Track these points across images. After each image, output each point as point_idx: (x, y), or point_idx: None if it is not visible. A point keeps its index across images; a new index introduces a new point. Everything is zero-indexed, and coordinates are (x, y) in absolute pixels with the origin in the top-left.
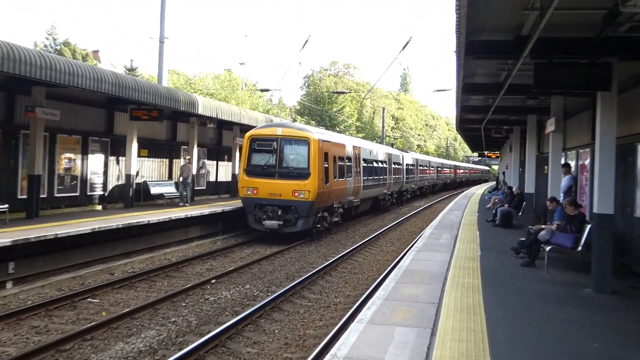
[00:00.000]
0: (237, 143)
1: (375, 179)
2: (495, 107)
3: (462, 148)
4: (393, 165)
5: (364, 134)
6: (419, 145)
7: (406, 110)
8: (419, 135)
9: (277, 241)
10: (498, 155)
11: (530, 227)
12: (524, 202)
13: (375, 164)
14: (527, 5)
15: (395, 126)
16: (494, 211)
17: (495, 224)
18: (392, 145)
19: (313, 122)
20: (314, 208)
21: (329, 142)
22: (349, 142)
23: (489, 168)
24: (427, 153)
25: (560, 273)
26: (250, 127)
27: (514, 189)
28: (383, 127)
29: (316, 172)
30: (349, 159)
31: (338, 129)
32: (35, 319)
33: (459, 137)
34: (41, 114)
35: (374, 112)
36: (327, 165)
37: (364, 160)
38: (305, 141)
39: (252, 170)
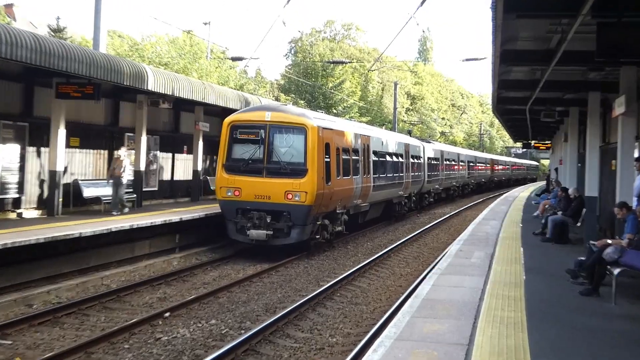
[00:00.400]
0: (201, 129)
1: (389, 177)
2: (545, 81)
3: (501, 136)
4: (411, 160)
5: (369, 118)
6: (443, 133)
7: (426, 86)
8: (443, 119)
9: (259, 258)
10: (549, 146)
11: (592, 242)
12: (584, 209)
13: (388, 158)
14: None
15: (411, 107)
16: (543, 221)
17: (545, 238)
18: (409, 133)
19: (302, 101)
20: (312, 214)
21: (331, 130)
22: (356, 130)
23: (537, 163)
24: (454, 143)
25: (633, 304)
26: (218, 109)
27: (570, 191)
28: (395, 108)
29: (315, 169)
30: (356, 151)
31: (335, 111)
32: None
33: (496, 121)
34: None
35: (383, 89)
36: (328, 160)
37: (375, 152)
38: (301, 129)
39: (233, 166)
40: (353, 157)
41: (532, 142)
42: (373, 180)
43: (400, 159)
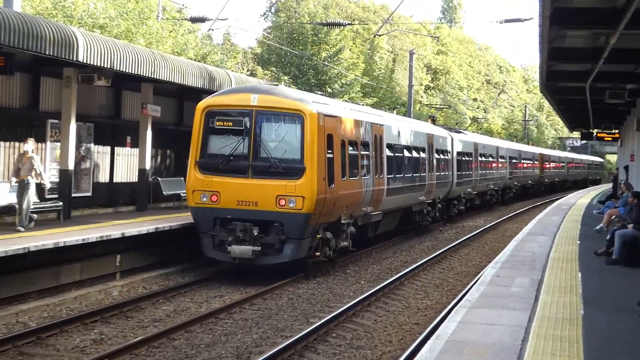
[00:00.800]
0: (150, 114)
1: (407, 178)
2: (612, 50)
3: (553, 124)
4: (436, 155)
5: (375, 99)
6: (474, 120)
7: (452, 57)
8: (474, 100)
9: (231, 285)
10: (616, 136)
11: None
12: None
13: (407, 153)
14: None
15: (432, 85)
16: (608, 236)
17: (611, 260)
18: (432, 120)
19: (285, 77)
20: (311, 225)
21: (335, 117)
22: (366, 118)
23: (601, 160)
24: (489, 133)
25: None
26: (173, 87)
27: None
28: (411, 86)
29: (314, 167)
30: (366, 145)
31: (329, 90)
32: None
33: (545, 104)
34: None
35: (394, 61)
36: (331, 156)
37: (390, 146)
38: (296, 116)
39: (210, 164)
40: (362, 152)
41: (594, 131)
42: (387, 182)
43: (422, 154)
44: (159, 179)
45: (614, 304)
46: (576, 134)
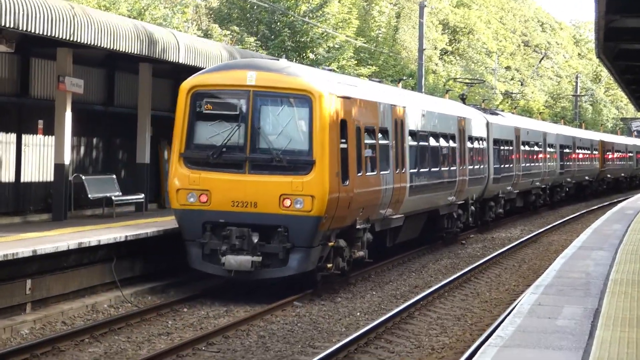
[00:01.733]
0: (69, 89)
1: (434, 173)
2: None
3: (614, 100)
4: (468, 144)
5: (374, 69)
6: (507, 95)
7: (477, 11)
8: (507, 69)
9: (193, 315)
10: None
11: None
12: None
13: (433, 142)
14: None
15: (451, 49)
16: None
17: None
18: (462, 99)
19: (252, 39)
20: (322, 230)
21: (349, 99)
22: (385, 98)
23: None
24: (527, 112)
25: None
26: (100, 53)
27: None
28: (421, 50)
29: (326, 160)
30: (385, 132)
31: (312, 57)
32: None
33: (604, 73)
34: None
35: (398, 17)
36: (345, 146)
37: (412, 134)
38: (304, 98)
39: (198, 157)
40: (381, 142)
41: None
42: (410, 178)
43: (452, 143)
44: (83, 177)
45: None
46: None
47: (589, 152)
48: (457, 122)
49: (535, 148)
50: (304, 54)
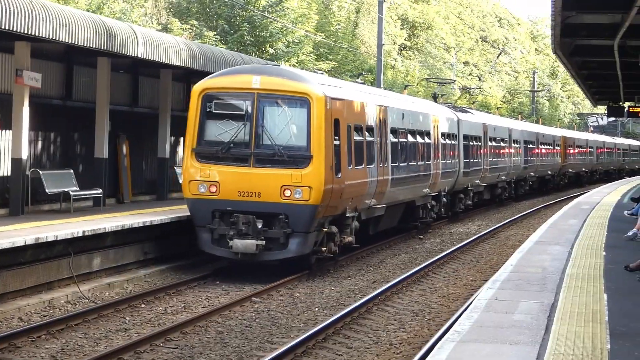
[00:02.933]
0: (27, 84)
1: (412, 167)
2: None
3: (570, 95)
4: (441, 140)
5: (333, 64)
6: (465, 90)
7: (436, 6)
8: (465, 64)
9: (151, 311)
10: None
11: None
12: None
13: (411, 139)
14: None
15: (409, 43)
16: None
17: None
18: (434, 98)
19: (211, 33)
20: (318, 217)
21: (341, 100)
22: (371, 99)
23: (638, 144)
24: (485, 107)
25: None
26: (59, 47)
27: None
28: (380, 45)
29: (322, 155)
30: (370, 129)
31: (271, 51)
32: None
33: (560, 69)
34: None
35: (357, 12)
36: (338, 142)
37: (394, 131)
38: (303, 100)
39: (208, 152)
40: (367, 139)
41: (626, 105)
42: (392, 171)
43: (427, 139)
44: (41, 172)
45: None
46: (602, 109)
47: (551, 147)
48: (431, 120)
49: (502, 144)
50: (264, 49)
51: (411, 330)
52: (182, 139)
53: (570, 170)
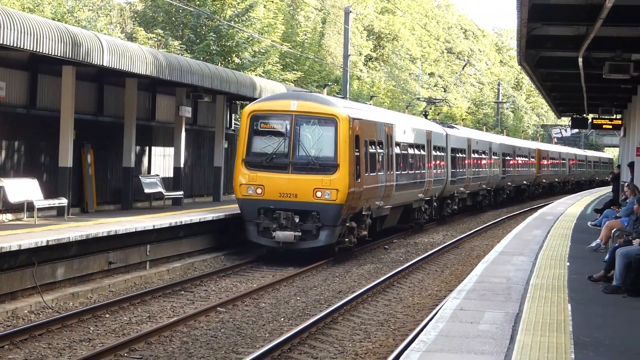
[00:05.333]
0: None
1: (410, 174)
2: (614, 7)
3: (535, 107)
4: (433, 152)
5: (299, 74)
6: (430, 101)
7: (401, 17)
8: (430, 76)
9: (116, 321)
10: (618, 122)
11: None
12: None
13: (410, 151)
14: None
15: (375, 55)
16: (607, 257)
17: (612, 287)
18: (425, 115)
19: (177, 42)
20: (343, 214)
21: (360, 120)
22: (381, 118)
23: (610, 156)
24: (450, 118)
25: None
26: (23, 56)
27: None
28: (347, 56)
29: (347, 164)
30: (380, 143)
31: (237, 61)
32: None
33: (525, 80)
34: None
35: (324, 22)
36: (358, 154)
37: (397, 144)
38: (331, 120)
39: (255, 162)
40: (378, 150)
41: (589, 117)
42: (396, 178)
43: (422, 152)
44: (4, 180)
45: (615, 347)
46: (565, 121)
47: (527, 159)
48: (425, 135)
49: (483, 156)
50: (230, 58)
51: (376, 340)
52: (147, 148)
53: (544, 180)
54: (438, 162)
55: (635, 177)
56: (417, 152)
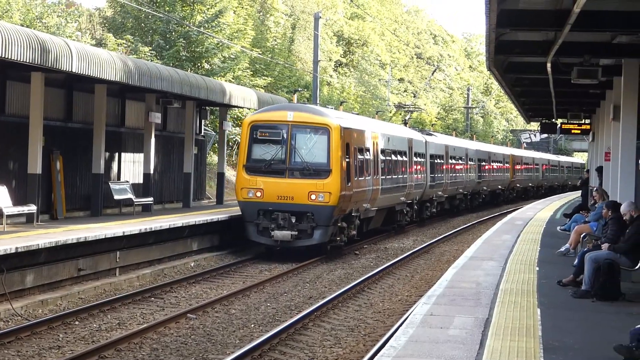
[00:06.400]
0: None
1: (394, 179)
2: (582, 12)
3: (504, 112)
4: (414, 159)
5: (269, 80)
6: (400, 107)
7: (371, 23)
8: (400, 81)
9: (85, 327)
10: (587, 127)
11: None
12: None
13: (393, 157)
14: None
15: (345, 60)
16: (576, 261)
17: (581, 292)
18: (405, 123)
19: (147, 48)
20: (335, 215)
21: (350, 129)
22: (368, 127)
23: (582, 161)
24: (420, 124)
25: None
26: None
27: (623, 209)
28: (316, 61)
29: (338, 169)
30: (368, 150)
31: (207, 67)
32: None
33: (494, 85)
34: None
35: (293, 27)
36: (348, 160)
37: (382, 151)
38: (324, 129)
39: (255, 167)
40: (366, 157)
41: (558, 122)
42: (381, 182)
43: (404, 158)
44: None
45: (584, 351)
46: (535, 126)
47: (501, 164)
48: (407, 142)
49: (460, 161)
50: (199, 64)
51: (347, 346)
52: (116, 154)
53: (518, 185)
54: (418, 167)
55: (604, 182)
56: (399, 158)
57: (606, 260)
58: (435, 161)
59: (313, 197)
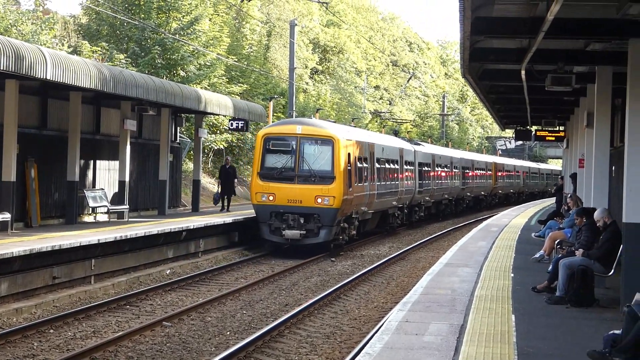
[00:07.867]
0: None
1: (387, 185)
2: (555, 20)
3: (479, 119)
4: (405, 166)
5: (245, 87)
6: (376, 114)
7: (347, 30)
8: (376, 89)
9: (61, 336)
10: (561, 135)
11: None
12: (621, 245)
13: (387, 165)
14: None
15: (321, 68)
16: (550, 267)
17: (555, 298)
18: (395, 133)
19: (121, 56)
20: (338, 217)
21: (351, 140)
22: (366, 139)
23: (560, 168)
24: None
25: None
26: None
27: (597, 215)
28: (292, 69)
29: (341, 176)
30: (365, 159)
31: (183, 74)
32: None
33: (469, 93)
34: None
35: (269, 35)
36: (349, 168)
37: (377, 160)
38: (329, 141)
39: (268, 174)
40: (364, 165)
41: (533, 129)
42: (377, 188)
43: (396, 166)
44: None
45: (558, 357)
46: (509, 133)
47: (484, 171)
48: (398, 151)
49: (445, 169)
50: (175, 72)
51: (323, 353)
52: (91, 161)
53: (500, 191)
54: (408, 174)
55: (578, 189)
56: (392, 166)
57: (580, 266)
58: (423, 169)
59: (319, 200)
